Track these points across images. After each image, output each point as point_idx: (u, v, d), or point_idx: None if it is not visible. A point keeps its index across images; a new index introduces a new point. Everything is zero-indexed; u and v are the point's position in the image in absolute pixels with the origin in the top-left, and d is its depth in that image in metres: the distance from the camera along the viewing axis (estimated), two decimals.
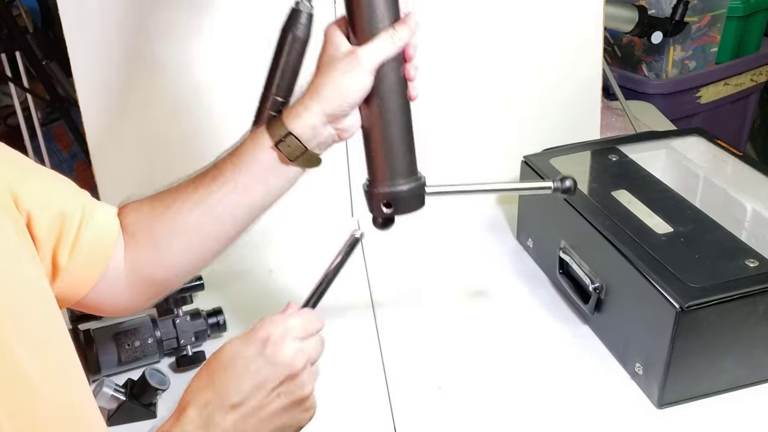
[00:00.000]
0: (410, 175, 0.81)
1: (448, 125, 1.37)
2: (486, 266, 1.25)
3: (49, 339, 0.62)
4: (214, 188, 0.77)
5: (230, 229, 0.79)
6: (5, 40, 2.06)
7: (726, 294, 0.87)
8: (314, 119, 0.74)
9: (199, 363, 1.04)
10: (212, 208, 0.77)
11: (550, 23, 1.33)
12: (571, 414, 0.93)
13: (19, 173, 0.68)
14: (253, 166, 0.76)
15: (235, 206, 0.77)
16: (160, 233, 0.78)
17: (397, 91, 0.76)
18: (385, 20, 0.72)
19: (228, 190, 0.76)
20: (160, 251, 0.78)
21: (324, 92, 0.74)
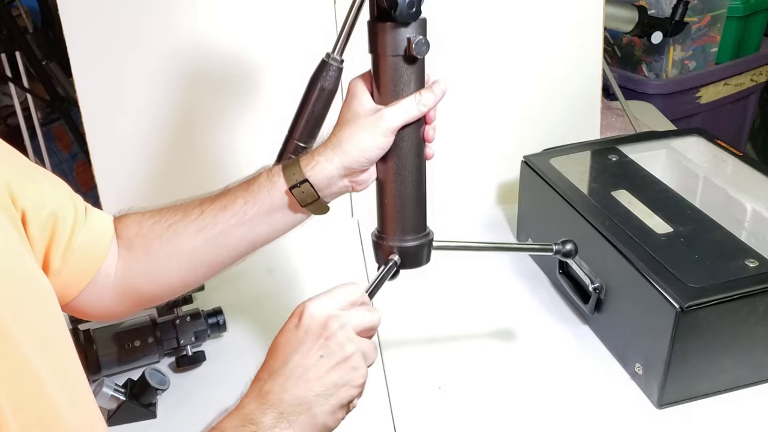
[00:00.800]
0: (419, 231, 0.81)
1: (449, 125, 1.37)
2: (486, 266, 1.25)
3: (52, 337, 0.62)
4: (221, 218, 0.77)
5: (227, 258, 0.80)
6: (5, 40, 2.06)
7: (726, 294, 0.87)
8: (332, 170, 0.75)
9: (199, 363, 1.04)
10: (216, 236, 0.77)
11: (550, 23, 1.33)
12: (571, 414, 0.93)
13: (15, 171, 0.68)
14: (263, 205, 0.77)
15: (238, 238, 0.78)
16: (158, 251, 0.78)
17: (414, 151, 0.77)
18: (411, 85, 0.74)
19: (234, 223, 0.77)
20: (155, 268, 0.79)
21: (345, 146, 0.74)
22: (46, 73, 2.13)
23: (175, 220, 0.78)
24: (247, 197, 0.77)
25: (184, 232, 0.77)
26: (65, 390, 0.60)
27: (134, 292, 0.80)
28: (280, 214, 0.78)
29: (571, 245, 0.88)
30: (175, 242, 0.78)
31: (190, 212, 0.78)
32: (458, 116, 1.37)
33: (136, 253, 0.78)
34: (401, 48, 0.70)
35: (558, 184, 1.14)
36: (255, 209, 0.77)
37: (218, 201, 0.78)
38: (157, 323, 1.04)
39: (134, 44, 1.23)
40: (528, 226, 1.27)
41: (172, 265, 0.79)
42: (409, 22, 0.69)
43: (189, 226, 0.78)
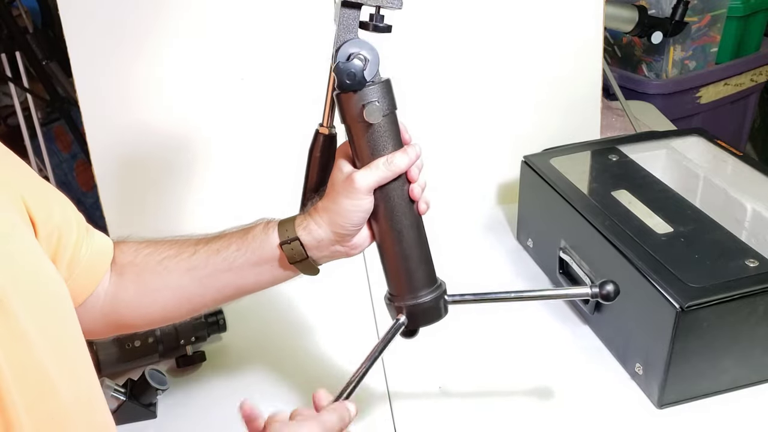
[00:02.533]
0: (428, 286, 0.81)
1: (449, 125, 1.37)
2: (486, 266, 1.25)
3: (66, 338, 0.63)
4: (212, 261, 0.79)
5: (210, 300, 0.82)
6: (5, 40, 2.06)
7: (726, 294, 0.87)
8: (322, 234, 0.77)
9: (199, 363, 1.04)
10: (204, 277, 0.79)
11: (550, 23, 1.33)
12: (571, 414, 0.93)
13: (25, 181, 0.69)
14: (253, 254, 0.78)
15: (224, 283, 0.80)
16: (147, 282, 0.79)
17: (403, 209, 0.77)
18: (383, 146, 0.75)
19: (224, 268, 0.78)
20: (141, 298, 0.80)
21: (330, 212, 0.76)
22: (46, 73, 2.13)
23: (168, 255, 0.79)
24: (240, 245, 0.79)
25: (175, 269, 0.79)
26: (77, 390, 0.61)
27: (116, 318, 0.81)
28: (269, 267, 0.79)
29: (612, 286, 0.79)
30: (165, 277, 0.79)
31: (184, 250, 0.80)
32: (458, 116, 1.37)
33: (125, 281, 0.79)
34: (359, 114, 0.73)
35: (558, 184, 1.14)
36: (245, 257, 0.78)
37: (212, 243, 0.80)
38: None
39: (134, 44, 1.23)
40: (528, 226, 1.27)
41: (157, 298, 0.80)
42: (357, 90, 0.72)
43: (181, 264, 0.79)
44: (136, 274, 0.79)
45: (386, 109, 0.74)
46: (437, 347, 1.07)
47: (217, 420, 0.96)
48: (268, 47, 1.26)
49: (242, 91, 1.29)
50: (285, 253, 0.77)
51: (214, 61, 1.26)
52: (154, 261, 0.79)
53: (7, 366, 0.53)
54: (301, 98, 1.30)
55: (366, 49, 0.73)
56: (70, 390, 0.59)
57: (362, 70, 0.72)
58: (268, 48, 1.26)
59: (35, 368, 0.56)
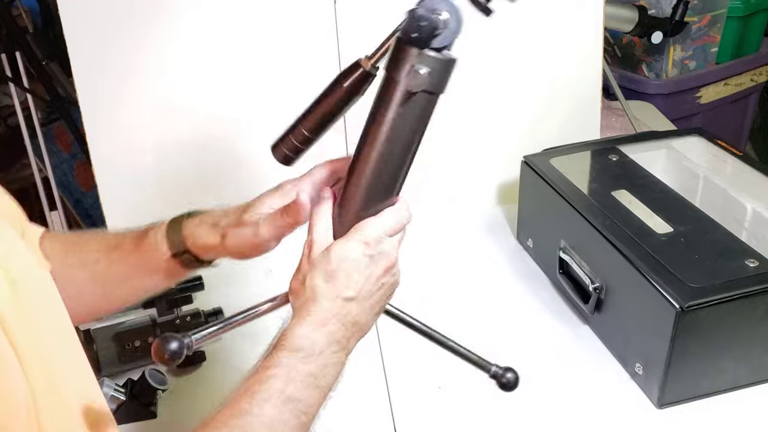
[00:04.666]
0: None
1: (449, 125, 1.37)
2: (486, 266, 1.25)
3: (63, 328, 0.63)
4: (113, 270, 0.80)
5: (115, 306, 0.84)
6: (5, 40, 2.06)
7: (726, 294, 0.87)
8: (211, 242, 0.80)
9: (199, 363, 1.04)
10: (107, 287, 0.81)
11: (551, 23, 1.33)
12: (571, 414, 0.93)
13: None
14: (150, 264, 0.80)
15: (127, 292, 0.82)
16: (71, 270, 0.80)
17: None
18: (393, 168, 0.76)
19: (124, 278, 0.81)
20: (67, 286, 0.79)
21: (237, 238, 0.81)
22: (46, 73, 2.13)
23: (73, 263, 0.80)
24: (138, 257, 0.80)
25: (77, 277, 0.80)
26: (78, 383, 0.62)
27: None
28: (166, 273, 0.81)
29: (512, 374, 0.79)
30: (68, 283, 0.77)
31: (88, 256, 0.81)
32: (458, 116, 1.37)
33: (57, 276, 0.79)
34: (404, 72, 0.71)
35: (558, 184, 1.14)
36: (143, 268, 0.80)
37: (113, 253, 0.81)
38: (157, 323, 1.04)
39: (134, 44, 1.23)
40: (528, 226, 1.27)
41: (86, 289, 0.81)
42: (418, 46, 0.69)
43: (86, 272, 0.80)
44: (60, 262, 0.79)
45: (432, 87, 0.70)
46: (437, 347, 1.07)
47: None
48: (268, 47, 1.26)
49: (243, 90, 1.29)
50: (179, 261, 0.80)
51: (213, 61, 1.25)
52: (60, 265, 0.78)
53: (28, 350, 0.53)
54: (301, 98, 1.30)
55: (454, 15, 0.68)
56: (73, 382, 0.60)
57: (434, 29, 0.67)
58: (268, 48, 1.26)
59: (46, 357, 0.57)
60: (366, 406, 0.97)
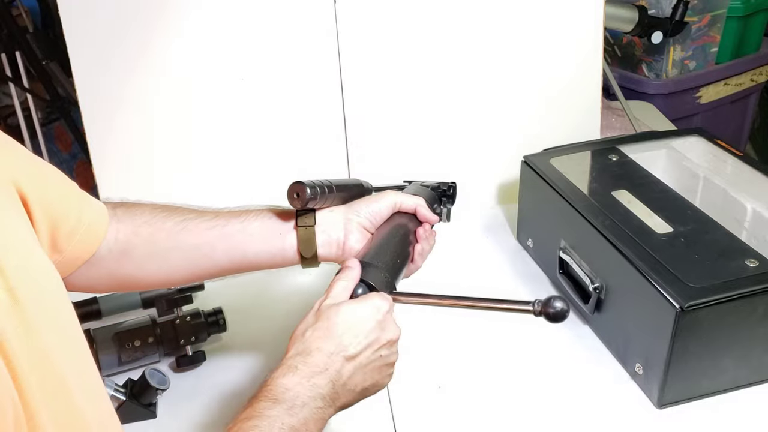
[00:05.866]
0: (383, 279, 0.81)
1: (449, 125, 1.38)
2: (486, 266, 1.25)
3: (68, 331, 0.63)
4: (232, 221, 0.84)
5: (216, 266, 0.85)
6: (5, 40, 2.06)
7: (726, 294, 0.87)
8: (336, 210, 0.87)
9: (199, 363, 1.04)
10: (219, 237, 0.83)
11: (550, 23, 1.33)
12: (571, 414, 0.93)
13: (17, 161, 0.69)
14: (268, 219, 0.85)
15: (234, 246, 0.84)
16: (160, 243, 0.82)
17: (401, 237, 0.86)
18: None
19: (239, 230, 0.84)
20: (151, 259, 0.83)
21: (353, 202, 0.88)
22: (46, 73, 2.13)
23: (190, 217, 0.84)
24: (257, 213, 0.85)
25: (194, 229, 0.83)
26: (83, 384, 0.61)
27: (122, 275, 0.83)
28: (276, 237, 0.84)
29: (561, 303, 0.73)
30: (182, 237, 0.83)
31: (205, 213, 0.85)
32: (458, 116, 1.37)
33: (141, 240, 0.82)
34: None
35: (558, 184, 1.14)
36: (260, 226, 0.84)
37: (233, 210, 0.86)
38: (157, 323, 1.04)
39: (134, 44, 1.23)
40: (528, 226, 1.27)
41: (169, 258, 0.83)
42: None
43: (201, 224, 0.83)
44: (152, 234, 0.82)
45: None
46: (437, 347, 1.07)
47: (218, 420, 0.96)
48: (268, 47, 1.26)
49: (242, 91, 1.29)
50: (298, 222, 0.84)
51: (214, 61, 1.25)
52: (172, 222, 0.83)
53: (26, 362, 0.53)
54: (301, 98, 1.30)
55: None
56: (79, 384, 0.60)
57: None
58: (268, 48, 1.26)
59: (50, 364, 0.56)
60: (366, 406, 0.97)
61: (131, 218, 0.83)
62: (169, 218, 0.83)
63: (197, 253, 0.83)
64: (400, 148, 1.35)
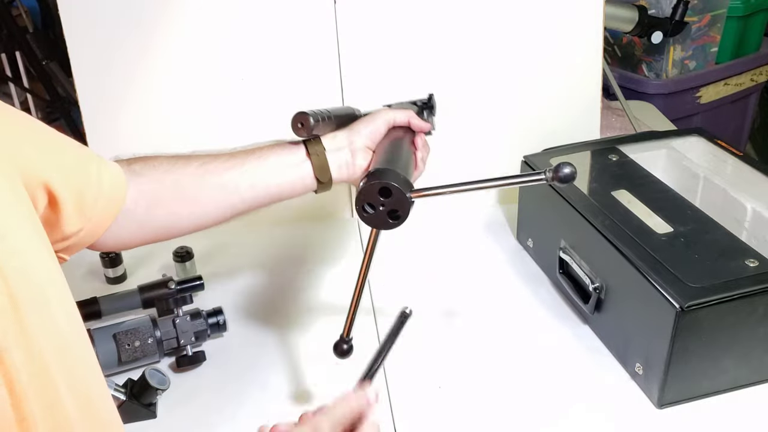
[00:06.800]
0: (395, 168, 0.85)
1: (449, 125, 1.37)
2: (486, 266, 1.25)
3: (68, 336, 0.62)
4: (250, 157, 0.89)
5: (242, 201, 0.89)
6: (5, 40, 2.06)
7: (726, 294, 0.87)
8: (339, 135, 0.92)
9: (199, 363, 1.04)
10: (241, 173, 0.87)
11: (550, 23, 1.33)
12: (571, 414, 0.93)
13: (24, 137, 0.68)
14: (282, 152, 0.90)
15: (257, 181, 0.88)
16: (186, 188, 0.86)
17: (403, 144, 0.92)
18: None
19: (258, 164, 0.88)
20: (181, 203, 0.86)
21: (351, 125, 0.94)
22: (46, 73, 2.13)
23: (207, 161, 0.87)
24: (272, 147, 0.91)
25: (215, 170, 0.86)
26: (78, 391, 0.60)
27: (155, 226, 0.86)
28: (294, 168, 0.89)
29: (569, 168, 0.78)
30: (206, 178, 0.86)
31: (221, 155, 0.89)
32: (458, 116, 1.37)
33: (167, 188, 0.85)
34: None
35: None
36: (278, 158, 0.89)
37: (248, 148, 0.90)
38: (157, 323, 1.04)
39: (134, 44, 1.23)
40: (528, 226, 1.27)
41: (200, 198, 0.87)
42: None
43: (219, 165, 0.87)
44: (174, 181, 0.85)
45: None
46: (437, 347, 1.07)
47: (217, 420, 0.96)
48: (268, 47, 1.26)
49: (244, 91, 1.29)
50: (309, 151, 0.89)
51: (214, 61, 1.26)
52: (192, 167, 0.86)
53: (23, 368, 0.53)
54: (301, 98, 1.30)
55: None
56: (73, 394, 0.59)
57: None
58: (268, 48, 1.26)
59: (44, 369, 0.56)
60: None
61: (151, 170, 0.85)
62: (189, 164, 0.86)
63: (224, 192, 0.87)
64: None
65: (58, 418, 0.57)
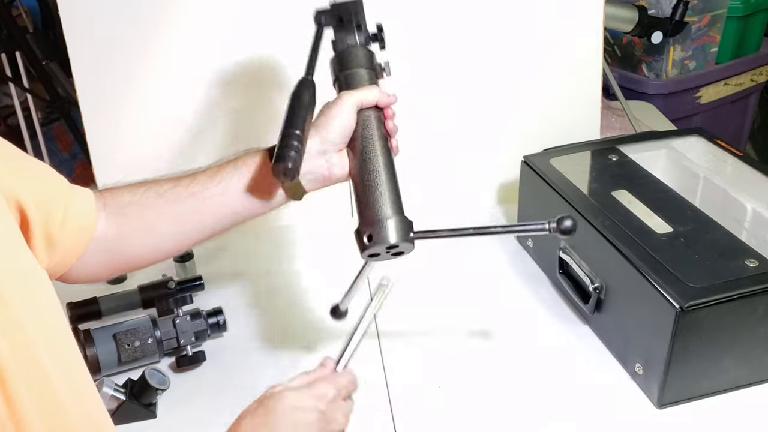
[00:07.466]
0: (395, 214, 0.83)
1: (449, 125, 1.38)
2: (486, 266, 1.25)
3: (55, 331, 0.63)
4: (209, 185, 0.83)
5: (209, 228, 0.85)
6: (5, 40, 2.06)
7: (726, 294, 0.87)
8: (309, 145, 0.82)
9: (199, 363, 1.04)
10: (202, 202, 0.83)
11: (550, 23, 1.33)
12: (571, 414, 0.93)
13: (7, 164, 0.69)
14: (247, 177, 0.84)
15: (220, 207, 0.84)
16: (149, 218, 0.83)
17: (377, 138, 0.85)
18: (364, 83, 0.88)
19: (220, 191, 0.83)
20: (145, 234, 0.84)
21: (320, 124, 0.85)
22: (46, 73, 2.13)
23: (167, 188, 0.84)
24: (234, 169, 0.84)
25: (176, 197, 0.83)
26: (70, 383, 0.61)
27: (124, 257, 0.84)
28: (262, 189, 0.84)
29: (570, 221, 0.80)
30: (167, 209, 0.83)
31: (181, 181, 0.84)
32: (458, 116, 1.37)
33: (129, 220, 0.83)
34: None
35: (558, 184, 1.14)
36: (239, 180, 0.83)
37: (208, 171, 0.85)
38: (157, 323, 1.04)
39: (134, 44, 1.23)
40: None
41: (161, 230, 0.84)
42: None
43: (181, 192, 0.83)
44: (138, 212, 0.83)
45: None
46: (437, 347, 1.07)
47: (217, 420, 0.96)
48: (268, 47, 1.26)
49: (243, 91, 1.29)
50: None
51: (214, 61, 1.26)
52: (153, 196, 0.83)
53: (11, 357, 0.53)
54: None
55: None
56: (64, 383, 0.59)
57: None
58: (268, 47, 1.26)
59: (34, 361, 0.56)
60: (366, 406, 0.97)
61: (116, 200, 0.84)
62: (149, 192, 0.84)
63: (184, 221, 0.84)
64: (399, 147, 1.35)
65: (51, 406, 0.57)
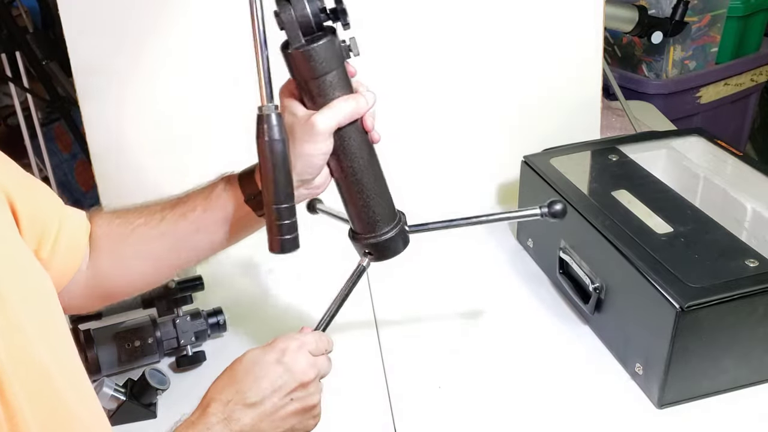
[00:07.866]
0: (388, 222, 0.83)
1: (449, 125, 1.38)
2: (486, 266, 1.25)
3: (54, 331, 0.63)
4: (181, 225, 0.80)
5: (185, 261, 0.84)
6: (5, 40, 2.06)
7: (726, 294, 0.87)
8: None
9: (199, 363, 1.04)
10: (176, 242, 0.80)
11: (550, 23, 1.33)
12: (571, 414, 0.93)
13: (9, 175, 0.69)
14: (220, 213, 0.79)
15: (196, 244, 0.81)
16: (122, 252, 0.81)
17: (359, 145, 0.78)
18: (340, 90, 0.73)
19: (194, 230, 0.80)
20: (119, 267, 0.82)
21: (296, 167, 0.75)
22: (46, 73, 2.13)
23: (138, 224, 0.81)
24: (206, 206, 0.79)
25: (146, 237, 0.80)
26: (71, 383, 0.61)
27: (101, 288, 0.83)
28: (240, 224, 0.80)
29: (560, 205, 0.85)
30: (139, 245, 0.81)
31: (152, 217, 0.80)
32: (458, 116, 1.37)
33: (101, 252, 0.81)
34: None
35: (558, 184, 1.14)
36: (213, 217, 0.79)
37: (178, 208, 0.80)
38: (157, 323, 1.04)
39: (134, 44, 1.23)
40: (528, 226, 1.27)
41: (134, 265, 0.82)
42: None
43: (151, 231, 0.80)
44: (110, 245, 0.81)
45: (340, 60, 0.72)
46: (437, 347, 1.07)
47: None
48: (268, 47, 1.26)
49: (243, 91, 1.28)
50: (252, 207, 0.78)
51: (214, 61, 1.25)
52: (126, 231, 0.81)
53: (6, 358, 0.53)
54: None
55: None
56: (66, 384, 0.60)
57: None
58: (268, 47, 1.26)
59: (33, 362, 0.56)
60: (366, 406, 0.97)
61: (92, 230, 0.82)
62: (123, 226, 0.81)
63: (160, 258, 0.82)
64: (399, 148, 1.35)
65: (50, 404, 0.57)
